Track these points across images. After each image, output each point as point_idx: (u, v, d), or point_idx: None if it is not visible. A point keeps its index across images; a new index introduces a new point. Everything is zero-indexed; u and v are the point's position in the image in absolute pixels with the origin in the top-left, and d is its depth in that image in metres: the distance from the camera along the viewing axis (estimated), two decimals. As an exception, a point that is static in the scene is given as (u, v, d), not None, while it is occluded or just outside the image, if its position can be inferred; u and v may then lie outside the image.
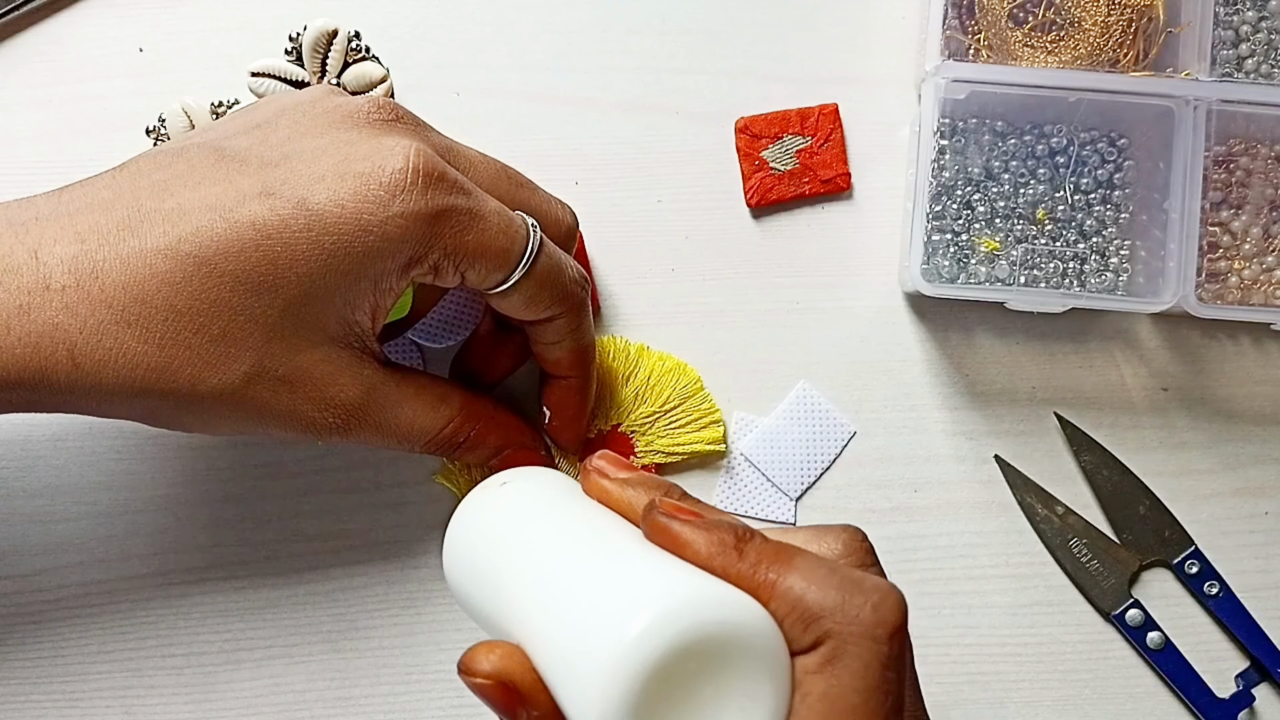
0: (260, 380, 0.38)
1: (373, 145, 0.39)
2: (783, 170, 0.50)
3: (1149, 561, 0.49)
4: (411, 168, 0.38)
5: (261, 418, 0.40)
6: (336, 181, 0.38)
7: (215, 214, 0.37)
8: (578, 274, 0.43)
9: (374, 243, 0.38)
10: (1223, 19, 0.49)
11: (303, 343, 0.39)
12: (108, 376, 0.37)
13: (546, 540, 0.35)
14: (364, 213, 0.37)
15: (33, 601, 0.47)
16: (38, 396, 0.37)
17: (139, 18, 0.51)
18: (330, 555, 0.48)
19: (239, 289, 0.37)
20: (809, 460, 0.49)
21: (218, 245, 0.37)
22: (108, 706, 0.47)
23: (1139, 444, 0.49)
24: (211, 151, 0.39)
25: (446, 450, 0.44)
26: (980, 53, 0.49)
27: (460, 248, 0.39)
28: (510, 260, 0.40)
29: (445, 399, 0.43)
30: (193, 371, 0.38)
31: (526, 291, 0.41)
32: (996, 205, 0.48)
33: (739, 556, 0.32)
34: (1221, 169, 0.49)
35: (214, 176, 0.38)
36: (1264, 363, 0.50)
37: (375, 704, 0.47)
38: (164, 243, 0.37)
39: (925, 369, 0.50)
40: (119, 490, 0.48)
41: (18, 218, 0.38)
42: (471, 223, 0.39)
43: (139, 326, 0.37)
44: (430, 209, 0.38)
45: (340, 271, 0.38)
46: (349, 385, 0.40)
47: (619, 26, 0.51)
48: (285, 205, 0.37)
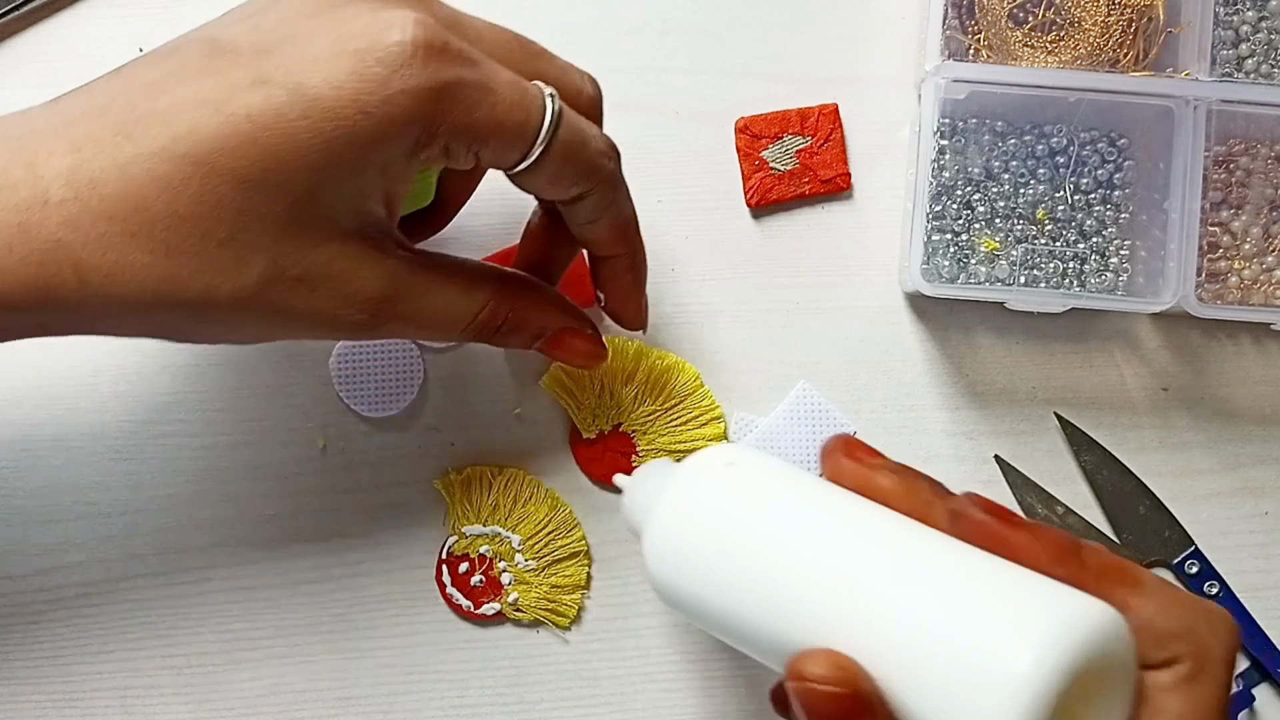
0: (276, 283, 0.36)
1: (369, 20, 0.36)
2: (783, 170, 0.50)
3: (1149, 561, 0.49)
4: (411, 40, 0.35)
5: (283, 321, 0.38)
6: (332, 62, 0.35)
7: (208, 109, 0.35)
8: (605, 144, 0.40)
9: (376, 126, 0.35)
10: (1223, 19, 0.49)
11: (316, 239, 0.36)
12: (116, 291, 0.35)
13: (850, 530, 0.32)
14: (362, 93, 0.35)
15: (33, 601, 0.47)
16: (48, 319, 0.36)
17: (139, 18, 0.50)
18: (330, 555, 0.48)
19: (241, 187, 0.35)
20: (809, 460, 0.49)
21: (214, 142, 0.34)
22: (108, 706, 0.47)
23: (1139, 444, 0.49)
24: (205, 43, 0.37)
25: (486, 336, 0.42)
26: (980, 53, 0.49)
27: (471, 125, 0.36)
28: (527, 135, 0.37)
29: (478, 281, 0.41)
30: (204, 279, 0.35)
31: (550, 169, 0.38)
32: (996, 205, 0.49)
33: (1082, 566, 0.32)
34: (1221, 169, 0.49)
35: (207, 69, 0.36)
36: (1264, 363, 0.50)
37: (375, 704, 0.47)
38: (159, 144, 0.35)
39: (925, 369, 0.50)
40: (119, 490, 0.48)
41: (13, 132, 0.36)
42: (481, 97, 0.36)
43: (143, 236, 0.35)
44: (434, 83, 0.35)
45: (344, 160, 0.35)
46: (371, 278, 0.38)
47: (619, 26, 0.51)
48: (280, 93, 0.35)
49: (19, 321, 0.36)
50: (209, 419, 0.48)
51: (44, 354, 0.48)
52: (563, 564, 0.48)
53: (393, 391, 0.48)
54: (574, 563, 0.48)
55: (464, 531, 0.48)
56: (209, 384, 0.48)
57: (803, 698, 0.30)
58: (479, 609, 0.48)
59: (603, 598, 0.48)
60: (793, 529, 0.32)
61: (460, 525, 0.48)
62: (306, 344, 0.49)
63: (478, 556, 0.48)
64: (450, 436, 0.49)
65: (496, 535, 0.48)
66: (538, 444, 0.49)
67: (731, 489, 0.34)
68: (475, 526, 0.48)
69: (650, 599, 0.48)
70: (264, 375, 0.49)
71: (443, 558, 0.48)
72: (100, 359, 0.48)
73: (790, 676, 0.31)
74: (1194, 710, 0.31)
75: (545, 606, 0.48)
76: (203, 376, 0.48)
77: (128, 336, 0.38)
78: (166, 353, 0.48)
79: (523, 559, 0.48)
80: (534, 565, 0.48)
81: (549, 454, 0.49)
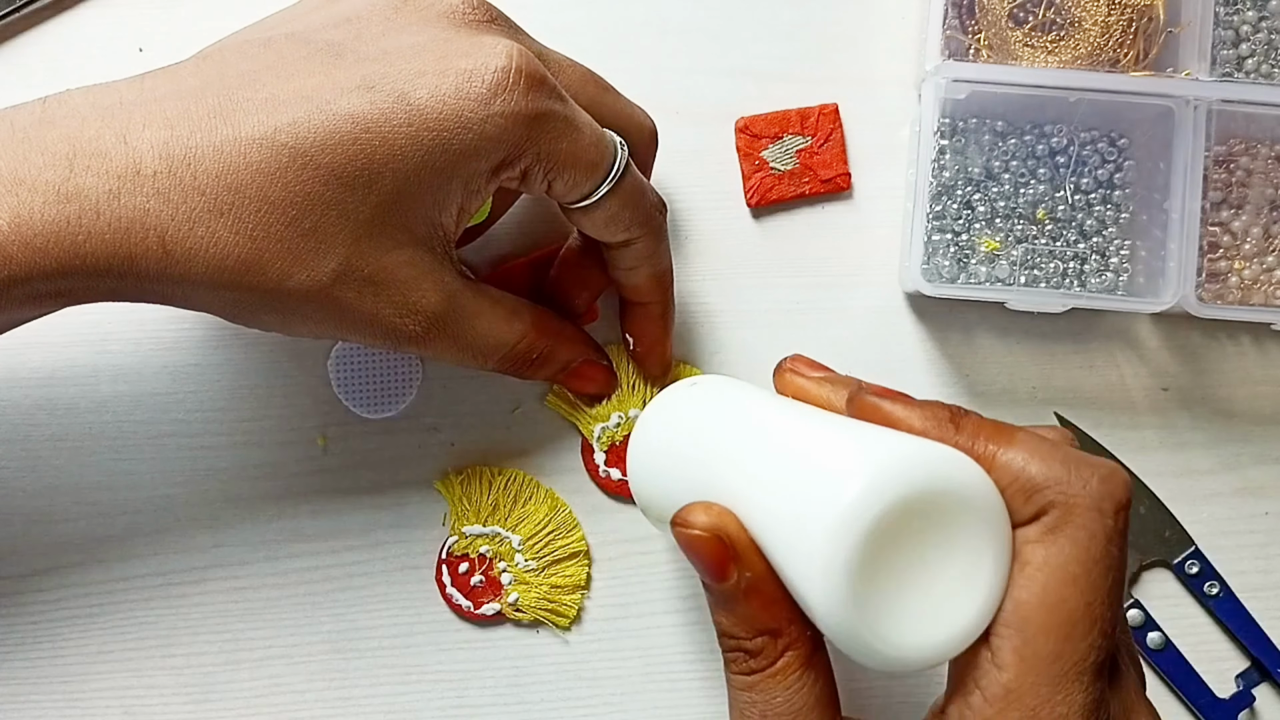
0: (347, 279, 0.38)
1: (473, 43, 0.38)
2: (783, 170, 0.50)
3: (1149, 561, 0.49)
4: (515, 68, 0.37)
5: (344, 319, 0.39)
6: (438, 77, 0.37)
7: (313, 105, 0.36)
8: (658, 199, 0.43)
9: (472, 140, 0.37)
10: (1223, 19, 0.49)
11: (390, 242, 0.38)
12: (197, 266, 0.36)
13: (754, 420, 0.36)
14: (465, 109, 0.37)
15: (33, 601, 0.47)
16: (123, 285, 0.37)
17: (139, 18, 0.50)
18: (330, 555, 0.48)
19: (334, 182, 0.36)
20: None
21: (315, 136, 0.36)
22: (107, 706, 0.47)
23: (1139, 444, 0.49)
24: (302, 44, 0.38)
25: (519, 367, 0.44)
26: (980, 53, 0.49)
27: (554, 154, 0.39)
28: (599, 173, 0.40)
29: (518, 313, 0.43)
30: (282, 265, 0.37)
31: (610, 208, 0.41)
32: (997, 205, 0.48)
33: (956, 429, 0.32)
34: (1222, 169, 0.49)
35: (308, 69, 0.37)
36: (1264, 363, 0.50)
37: (375, 704, 0.47)
38: (259, 132, 0.36)
39: (925, 369, 0.50)
40: (119, 490, 0.48)
41: (101, 101, 0.37)
42: (567, 130, 0.39)
43: (231, 216, 0.36)
44: (530, 111, 0.38)
45: (435, 169, 0.37)
46: (431, 291, 0.39)
47: (619, 26, 0.51)
48: (385, 99, 0.37)
49: (95, 284, 0.36)
50: (209, 419, 0.48)
51: (44, 354, 0.48)
52: (563, 564, 0.48)
53: (391, 393, 0.48)
54: (574, 563, 0.48)
55: (464, 531, 0.48)
56: (208, 384, 0.48)
57: (682, 541, 0.34)
58: (479, 609, 0.48)
59: (603, 598, 0.48)
60: (725, 420, 0.37)
61: (460, 525, 0.48)
62: (306, 343, 0.49)
63: (478, 556, 0.48)
64: (450, 436, 0.49)
65: (496, 535, 0.48)
66: (538, 444, 0.49)
67: (691, 397, 0.40)
68: (475, 526, 0.48)
69: (650, 599, 0.48)
70: (264, 375, 0.49)
71: (443, 558, 0.48)
72: (100, 359, 0.48)
73: (673, 522, 0.34)
74: (1056, 561, 0.30)
75: (545, 606, 0.48)
76: (202, 376, 0.48)
77: (193, 309, 0.39)
78: (166, 352, 0.48)
79: (523, 559, 0.48)
80: (534, 565, 0.48)
81: (549, 454, 0.49)
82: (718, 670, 0.48)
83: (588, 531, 0.48)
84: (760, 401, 0.38)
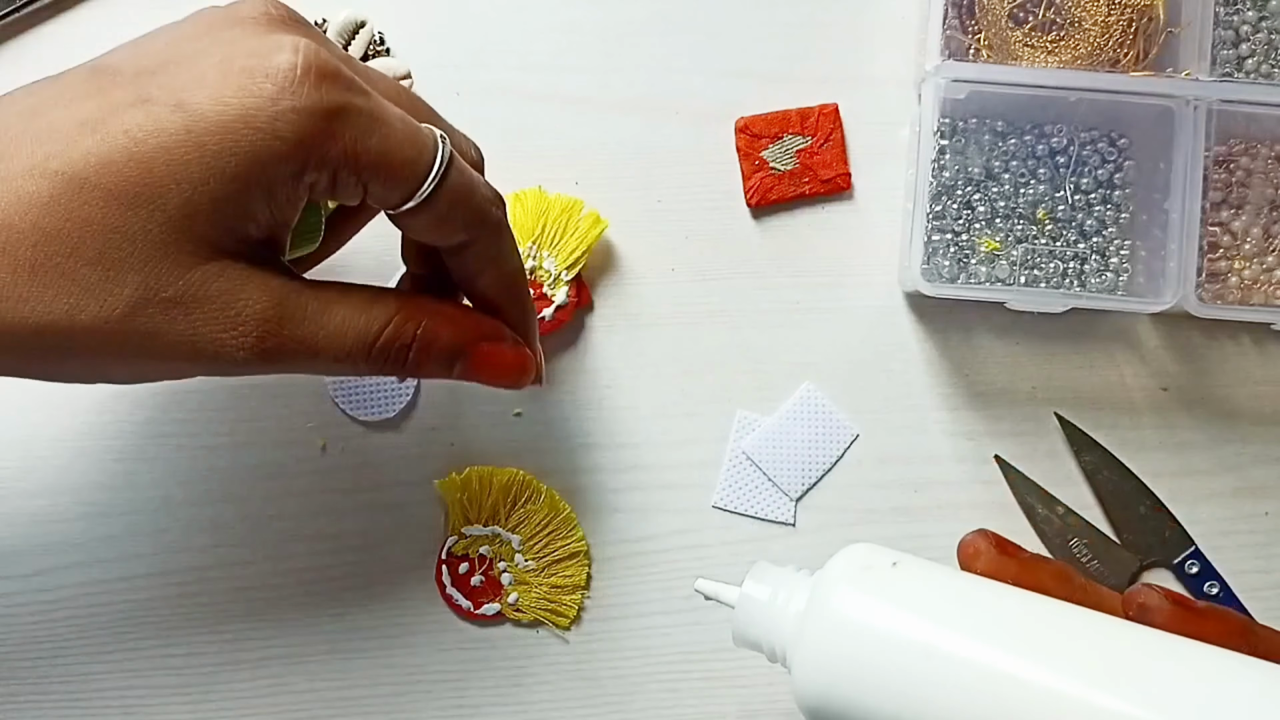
0: (148, 305, 0.34)
1: (258, 41, 0.35)
2: (783, 170, 0.50)
3: (1149, 561, 0.49)
4: (303, 61, 0.34)
5: (159, 350, 0.35)
6: (219, 80, 0.34)
7: (86, 128, 0.34)
8: (492, 192, 0.39)
9: (263, 141, 0.33)
10: (1223, 19, 0.49)
11: (192, 259, 0.34)
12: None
13: (1045, 637, 0.30)
14: (250, 109, 0.33)
15: (33, 601, 0.47)
16: None
17: (139, 19, 0.50)
18: (330, 555, 0.48)
19: (114, 204, 0.33)
20: (810, 461, 0.49)
21: (88, 159, 0.33)
22: (107, 706, 0.47)
23: (1139, 444, 0.49)
24: (85, 70, 0.36)
25: (396, 363, 0.38)
26: (980, 53, 0.49)
27: (362, 153, 0.35)
28: (418, 173, 0.36)
29: (378, 298, 0.38)
30: (69, 300, 0.33)
31: (437, 210, 0.37)
32: (996, 205, 0.48)
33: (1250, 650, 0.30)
34: (1222, 169, 0.49)
35: (86, 92, 0.35)
36: (1264, 363, 0.50)
37: (375, 704, 0.47)
38: (30, 163, 0.33)
39: (925, 369, 0.50)
40: (119, 490, 0.48)
41: None
42: (373, 126, 0.35)
43: (6, 254, 0.33)
44: (326, 105, 0.34)
45: (226, 175, 0.34)
46: (255, 296, 0.35)
47: (619, 26, 0.51)
48: (162, 110, 0.33)
49: None
50: (209, 419, 0.48)
51: (44, 354, 0.48)
52: (562, 564, 0.48)
53: (388, 395, 0.48)
54: (574, 563, 0.48)
55: (464, 532, 0.48)
56: (209, 384, 0.48)
57: None
58: (479, 609, 0.48)
59: (602, 598, 0.48)
60: (988, 631, 0.30)
61: (460, 525, 0.48)
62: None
63: (477, 557, 0.48)
64: (450, 437, 0.49)
65: (496, 535, 0.48)
66: (538, 444, 0.49)
67: (904, 591, 0.31)
68: (475, 527, 0.48)
69: (650, 599, 0.48)
70: (264, 375, 0.49)
71: (442, 558, 0.48)
72: (100, 359, 0.48)
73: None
74: None
75: (545, 607, 0.48)
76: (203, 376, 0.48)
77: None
78: (166, 353, 0.48)
79: (522, 559, 0.48)
80: (534, 565, 0.48)
81: (549, 454, 0.49)
82: (718, 670, 0.48)
83: (588, 531, 0.48)
84: (1020, 599, 0.31)
